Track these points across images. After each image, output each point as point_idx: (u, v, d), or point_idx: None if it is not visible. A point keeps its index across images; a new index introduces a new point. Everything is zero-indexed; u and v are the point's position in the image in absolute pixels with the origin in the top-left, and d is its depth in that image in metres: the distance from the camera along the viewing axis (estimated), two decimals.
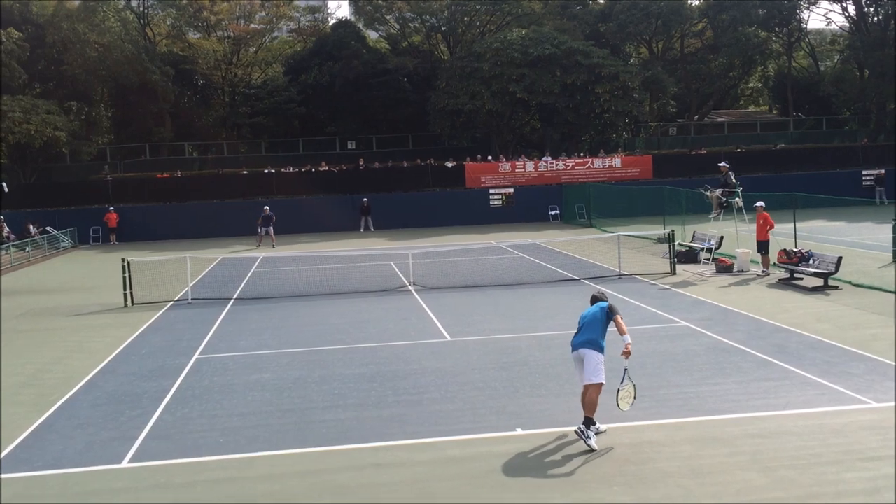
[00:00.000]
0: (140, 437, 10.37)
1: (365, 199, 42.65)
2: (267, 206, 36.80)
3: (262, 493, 8.48)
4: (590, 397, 9.52)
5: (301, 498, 8.33)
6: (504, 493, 8.22)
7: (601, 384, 9.54)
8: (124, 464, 9.50)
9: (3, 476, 9.22)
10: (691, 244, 25.88)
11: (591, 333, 9.73)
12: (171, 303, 20.97)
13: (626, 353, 9.57)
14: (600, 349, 9.65)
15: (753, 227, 22.78)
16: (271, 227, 35.63)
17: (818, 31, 68.63)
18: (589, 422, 9.51)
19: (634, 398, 9.80)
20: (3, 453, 9.99)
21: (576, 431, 9.54)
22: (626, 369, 9.83)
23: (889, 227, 24.24)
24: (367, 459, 9.30)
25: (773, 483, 8.18)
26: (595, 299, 10.30)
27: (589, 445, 9.33)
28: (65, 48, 47.17)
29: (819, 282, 19.47)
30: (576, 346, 9.80)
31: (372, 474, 8.86)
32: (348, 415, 10.99)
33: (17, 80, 44.20)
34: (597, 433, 9.57)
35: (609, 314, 9.79)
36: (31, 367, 14.58)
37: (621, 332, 9.62)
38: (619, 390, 9.64)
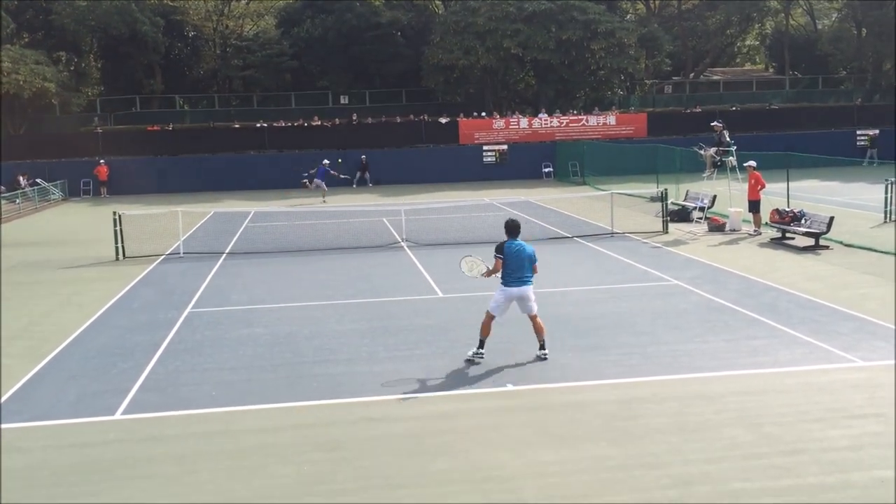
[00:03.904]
0: (133, 390, 10.41)
1: (363, 157, 42.58)
2: (326, 161, 36.45)
3: (253, 445, 8.55)
4: (540, 323, 11.08)
5: (292, 451, 8.40)
6: (494, 448, 8.31)
7: None
8: (117, 415, 9.56)
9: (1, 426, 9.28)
10: (684, 203, 25.87)
11: (529, 272, 10.98)
12: (162, 256, 20.93)
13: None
14: None
15: (746, 186, 22.78)
16: (323, 181, 35.32)
17: None
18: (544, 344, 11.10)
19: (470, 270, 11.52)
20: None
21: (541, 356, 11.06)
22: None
23: (881, 188, 24.29)
24: (358, 414, 9.37)
25: (758, 439, 8.29)
26: (515, 229, 11.08)
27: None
28: None
29: (810, 241, 19.53)
30: (524, 281, 10.91)
31: (363, 428, 8.93)
32: (340, 369, 11.05)
33: (4, 30, 43.48)
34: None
35: (533, 259, 11.03)
36: (22, 320, 14.58)
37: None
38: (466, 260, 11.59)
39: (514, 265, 10.86)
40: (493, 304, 11.06)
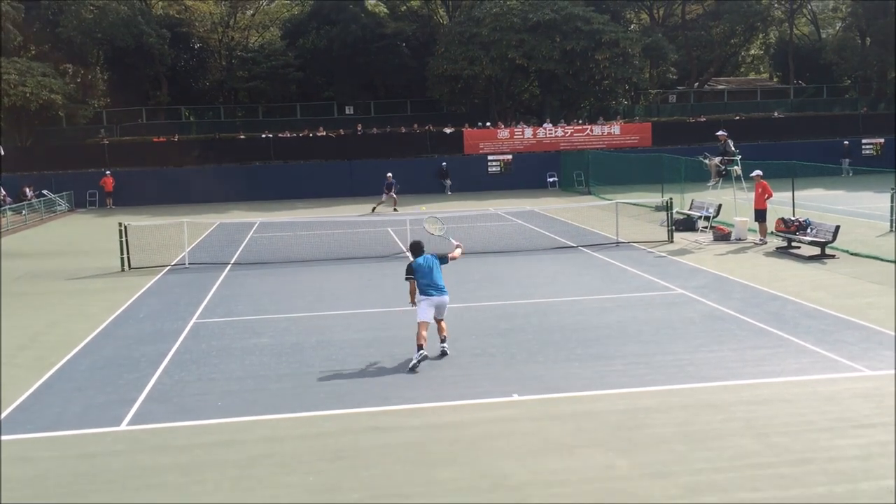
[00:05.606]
0: (139, 400, 10.42)
1: (444, 164, 43.20)
2: (390, 174, 36.56)
3: (259, 455, 8.55)
4: (444, 325, 12.08)
5: (298, 461, 8.40)
6: (499, 457, 8.29)
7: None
8: (123, 426, 9.56)
9: (2, 438, 9.28)
10: (689, 212, 25.85)
11: (441, 279, 11.99)
12: (168, 267, 20.97)
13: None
14: None
15: (752, 195, 22.76)
16: (393, 192, 35.63)
17: None
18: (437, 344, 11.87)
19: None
20: (2, 415, 10.05)
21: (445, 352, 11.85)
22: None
23: (887, 197, 24.23)
24: (364, 423, 9.37)
25: (766, 449, 8.26)
26: (419, 249, 12.35)
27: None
28: (60, 9, 46.69)
29: (816, 250, 19.49)
30: (442, 291, 11.91)
31: (369, 438, 8.93)
32: (346, 379, 11.05)
33: (11, 42, 43.76)
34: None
35: (443, 260, 12.29)
36: (28, 331, 14.62)
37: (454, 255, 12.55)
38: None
39: (426, 278, 11.92)
40: (422, 314, 11.78)
